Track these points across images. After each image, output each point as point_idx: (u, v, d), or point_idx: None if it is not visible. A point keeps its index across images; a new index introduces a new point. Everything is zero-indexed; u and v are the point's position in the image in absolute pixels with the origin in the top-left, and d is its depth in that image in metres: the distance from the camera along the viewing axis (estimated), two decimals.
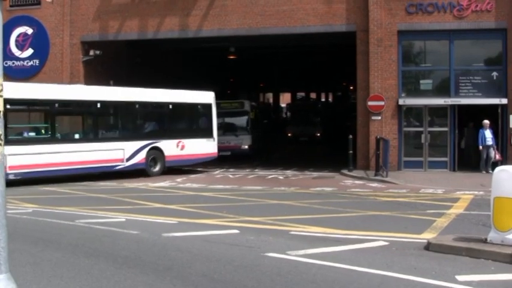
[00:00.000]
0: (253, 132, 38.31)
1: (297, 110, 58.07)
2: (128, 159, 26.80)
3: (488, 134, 26.61)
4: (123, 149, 26.67)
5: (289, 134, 52.54)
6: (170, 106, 29.27)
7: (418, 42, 29.22)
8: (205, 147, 30.39)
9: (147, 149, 27.62)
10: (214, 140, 30.99)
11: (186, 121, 31.47)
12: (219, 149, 33.38)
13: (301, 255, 10.12)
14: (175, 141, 28.76)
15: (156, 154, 28.04)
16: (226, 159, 34.29)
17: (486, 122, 26.63)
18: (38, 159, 23.45)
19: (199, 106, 31.31)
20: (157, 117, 30.03)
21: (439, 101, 28.09)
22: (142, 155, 27.40)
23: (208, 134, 30.73)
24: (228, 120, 37.71)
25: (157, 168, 28.09)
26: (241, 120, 38.40)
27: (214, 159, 31.09)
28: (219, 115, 34.41)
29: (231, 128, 37.68)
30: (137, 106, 28.12)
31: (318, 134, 52.27)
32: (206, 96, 31.29)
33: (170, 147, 28.49)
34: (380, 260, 9.83)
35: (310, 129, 51.70)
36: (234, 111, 38.12)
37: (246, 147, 37.14)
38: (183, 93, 30.22)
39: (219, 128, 34.57)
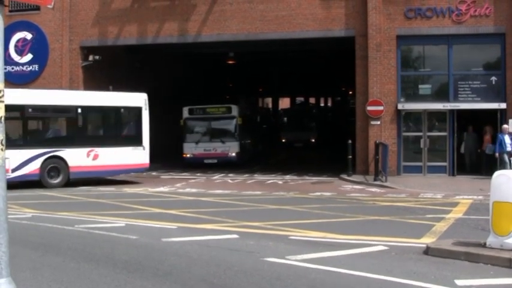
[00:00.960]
0: (242, 139, 36.32)
1: (291, 115, 57.48)
2: (14, 170, 23.42)
3: (507, 139, 25.58)
4: (7, 158, 24.83)
5: (283, 140, 52.27)
6: (79, 110, 25.99)
7: (416, 47, 29.28)
8: (131, 157, 26.88)
9: (42, 158, 24.62)
10: (144, 149, 27.45)
11: (104, 127, 28.58)
12: (205, 156, 34.50)
13: (300, 260, 10.12)
14: (85, 149, 25.60)
15: (57, 164, 25.02)
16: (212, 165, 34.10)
17: (506, 126, 25.97)
18: None
19: (123, 110, 27.98)
20: (61, 123, 27.32)
21: (438, 106, 28.12)
22: (35, 165, 24.36)
23: (135, 141, 27.36)
24: (214, 126, 36.10)
25: (57, 180, 24.95)
26: (228, 126, 36.09)
27: (146, 170, 28.42)
28: (204, 121, 35.44)
29: (217, 135, 35.80)
30: (30, 110, 25.11)
31: (313, 140, 51.83)
32: (135, 99, 27.89)
33: (77, 157, 25.34)
34: (379, 265, 9.84)
35: (304, 135, 51.45)
36: (220, 116, 36.11)
37: (234, 154, 35.14)
38: (103, 95, 27.49)
39: (204, 134, 35.44)
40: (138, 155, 27.20)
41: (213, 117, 35.85)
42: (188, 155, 35.37)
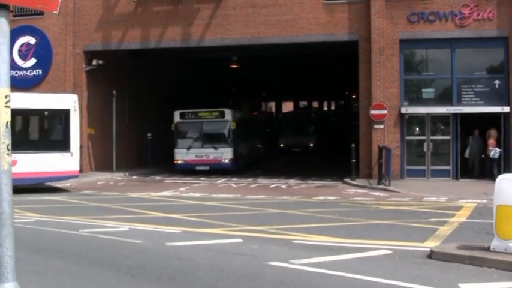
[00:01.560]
0: (237, 144, 34.81)
1: (288, 120, 56.65)
2: None
3: None
4: None
5: (281, 145, 51.48)
6: None
7: (420, 50, 29.26)
8: (57, 163, 24.81)
9: None
10: (72, 155, 25.14)
11: (24, 131, 25.94)
12: (197, 163, 33.31)
13: (304, 264, 10.12)
14: None
15: None
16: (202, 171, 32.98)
17: None
18: None
19: (47, 112, 25.76)
20: None
21: (442, 110, 28.12)
22: None
23: (62, 147, 25.04)
24: (206, 131, 34.38)
25: None
26: (221, 131, 34.39)
27: (75, 177, 25.98)
28: (196, 125, 34.08)
29: (209, 140, 34.28)
30: None
31: (311, 144, 51.13)
32: (62, 101, 25.83)
33: None
34: (383, 269, 9.84)
35: (302, 140, 50.68)
36: (213, 121, 34.28)
37: (227, 161, 33.63)
38: (25, 96, 25.32)
39: (196, 140, 34.11)
40: (65, 162, 24.99)
41: (205, 122, 34.31)
42: (179, 161, 34.09)
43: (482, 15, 27.26)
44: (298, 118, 57.87)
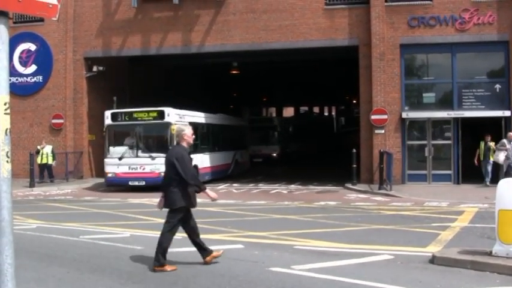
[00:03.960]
0: None
1: (253, 127, 46.32)
2: None
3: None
4: None
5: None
6: None
7: (420, 55, 29.29)
8: None
9: None
10: None
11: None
12: (130, 177, 27.56)
13: (305, 270, 10.10)
14: None
15: None
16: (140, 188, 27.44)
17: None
18: None
19: None
20: None
21: (442, 114, 28.12)
22: None
23: None
24: (142, 136, 28.80)
25: None
26: (160, 137, 28.55)
27: None
28: (131, 129, 28.60)
29: (146, 148, 28.22)
30: None
31: (274, 154, 46.94)
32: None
33: None
34: (385, 274, 9.81)
35: (264, 149, 46.23)
36: (150, 123, 28.09)
37: None
38: None
39: (131, 148, 28.16)
40: None
41: (141, 125, 28.31)
42: (109, 175, 28.00)
43: (483, 20, 27.28)
44: (261, 125, 49.82)
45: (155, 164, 26.84)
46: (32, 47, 33.00)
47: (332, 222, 16.58)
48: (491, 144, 26.77)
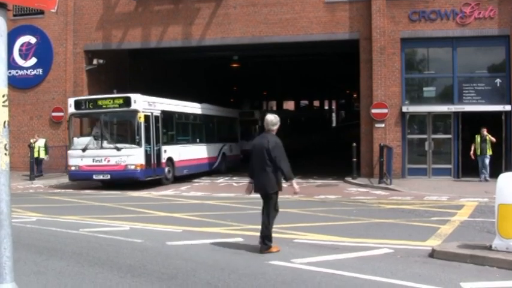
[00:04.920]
0: (153, 145, 26.41)
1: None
2: None
3: None
4: None
5: None
6: None
7: (421, 49, 29.27)
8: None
9: None
10: None
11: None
12: (94, 170, 25.59)
13: (305, 263, 10.10)
14: None
15: None
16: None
17: None
18: None
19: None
20: None
21: (443, 108, 28.11)
22: None
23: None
24: (107, 125, 27.12)
25: None
26: (127, 125, 26.79)
27: None
28: (95, 118, 27.09)
29: (111, 138, 26.48)
30: None
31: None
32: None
33: None
34: (384, 268, 9.81)
35: (246, 145, 39.27)
36: (116, 111, 26.18)
37: (133, 167, 25.22)
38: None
39: (96, 138, 26.34)
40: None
41: (106, 113, 26.37)
42: (72, 168, 26.10)
43: (484, 14, 27.24)
44: (241, 119, 43.65)
45: (121, 156, 25.28)
46: (32, 40, 32.98)
47: (332, 216, 16.59)
48: (488, 137, 26.50)
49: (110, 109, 26.02)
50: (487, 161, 26.46)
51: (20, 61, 32.97)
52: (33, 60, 33.00)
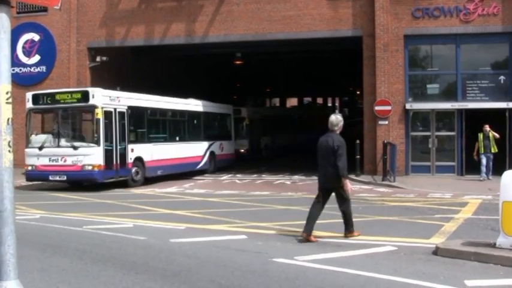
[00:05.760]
0: (112, 143, 24.16)
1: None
2: None
3: None
4: None
5: None
6: None
7: (424, 46, 29.25)
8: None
9: None
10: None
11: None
12: (51, 170, 23.72)
13: (309, 261, 10.09)
14: None
15: None
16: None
17: None
18: None
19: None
20: None
21: (446, 106, 28.08)
22: None
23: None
24: (64, 122, 24.93)
25: None
26: (85, 124, 24.93)
27: None
28: (53, 114, 24.75)
29: (68, 136, 24.61)
30: None
31: (242, 150, 40.58)
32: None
33: None
34: (388, 265, 9.80)
35: None
36: (73, 106, 24.25)
37: (90, 168, 23.20)
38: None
39: (54, 136, 24.37)
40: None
41: (63, 109, 24.35)
42: (29, 167, 24.34)
43: (487, 11, 27.18)
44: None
45: (78, 155, 23.35)
46: (36, 37, 33.00)
47: (335, 213, 16.54)
48: (492, 133, 25.86)
49: (68, 104, 24.14)
50: (490, 161, 25.80)
51: (23, 58, 32.98)
52: (36, 58, 33.02)
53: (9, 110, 4.86)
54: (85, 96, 23.63)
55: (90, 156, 23.19)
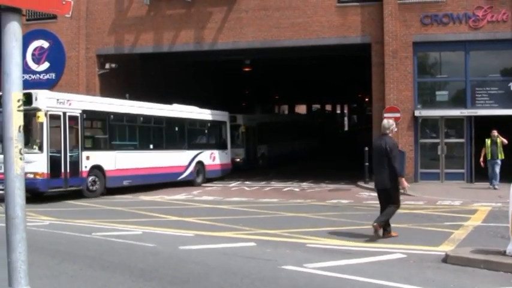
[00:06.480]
0: (60, 150, 22.41)
1: None
2: None
3: None
4: None
5: None
6: None
7: (433, 53, 29.21)
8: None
9: None
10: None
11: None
12: None
13: (318, 268, 10.06)
14: None
15: None
16: None
17: None
18: None
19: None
20: None
21: (455, 112, 28.02)
22: None
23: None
24: None
25: None
26: (30, 129, 21.78)
27: None
28: None
29: None
30: None
31: (238, 160, 38.67)
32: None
33: None
34: (397, 273, 9.77)
35: None
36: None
37: (32, 175, 20.89)
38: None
39: None
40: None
41: None
42: None
43: (496, 17, 27.13)
44: None
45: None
46: (45, 44, 33.10)
47: (344, 220, 16.56)
48: (500, 138, 25.48)
49: None
50: (497, 168, 25.46)
51: (32, 65, 33.08)
52: (45, 65, 33.11)
53: (21, 118, 4.90)
54: (28, 98, 21.32)
55: (33, 163, 20.85)
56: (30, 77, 32.71)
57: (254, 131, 41.19)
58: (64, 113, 22.67)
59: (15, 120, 4.85)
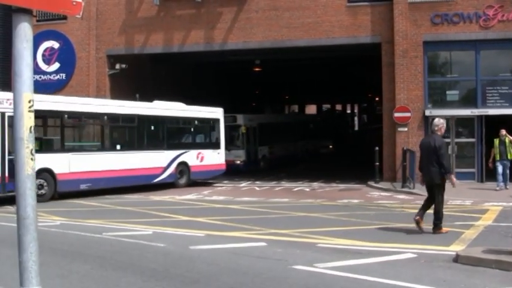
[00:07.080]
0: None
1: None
2: None
3: None
4: None
5: None
6: None
7: (443, 52, 29.11)
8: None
9: None
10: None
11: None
12: None
13: (328, 268, 10.05)
14: None
15: None
16: None
17: None
18: None
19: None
20: None
21: (466, 112, 27.91)
22: None
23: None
24: None
25: None
26: None
27: None
28: None
29: None
30: None
31: (238, 162, 36.76)
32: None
33: None
34: (408, 273, 9.75)
35: (227, 155, 33.36)
36: None
37: None
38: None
39: None
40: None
41: None
42: None
43: (507, 17, 27.03)
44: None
45: None
46: (55, 44, 33.20)
47: (355, 220, 16.53)
48: (508, 138, 24.81)
49: None
50: (507, 168, 24.85)
51: (43, 66, 33.20)
52: (56, 65, 33.21)
53: (32, 118, 4.92)
54: None
55: None
56: (40, 77, 32.80)
57: (255, 132, 39.44)
58: (3, 113, 20.37)
59: (26, 121, 4.87)
